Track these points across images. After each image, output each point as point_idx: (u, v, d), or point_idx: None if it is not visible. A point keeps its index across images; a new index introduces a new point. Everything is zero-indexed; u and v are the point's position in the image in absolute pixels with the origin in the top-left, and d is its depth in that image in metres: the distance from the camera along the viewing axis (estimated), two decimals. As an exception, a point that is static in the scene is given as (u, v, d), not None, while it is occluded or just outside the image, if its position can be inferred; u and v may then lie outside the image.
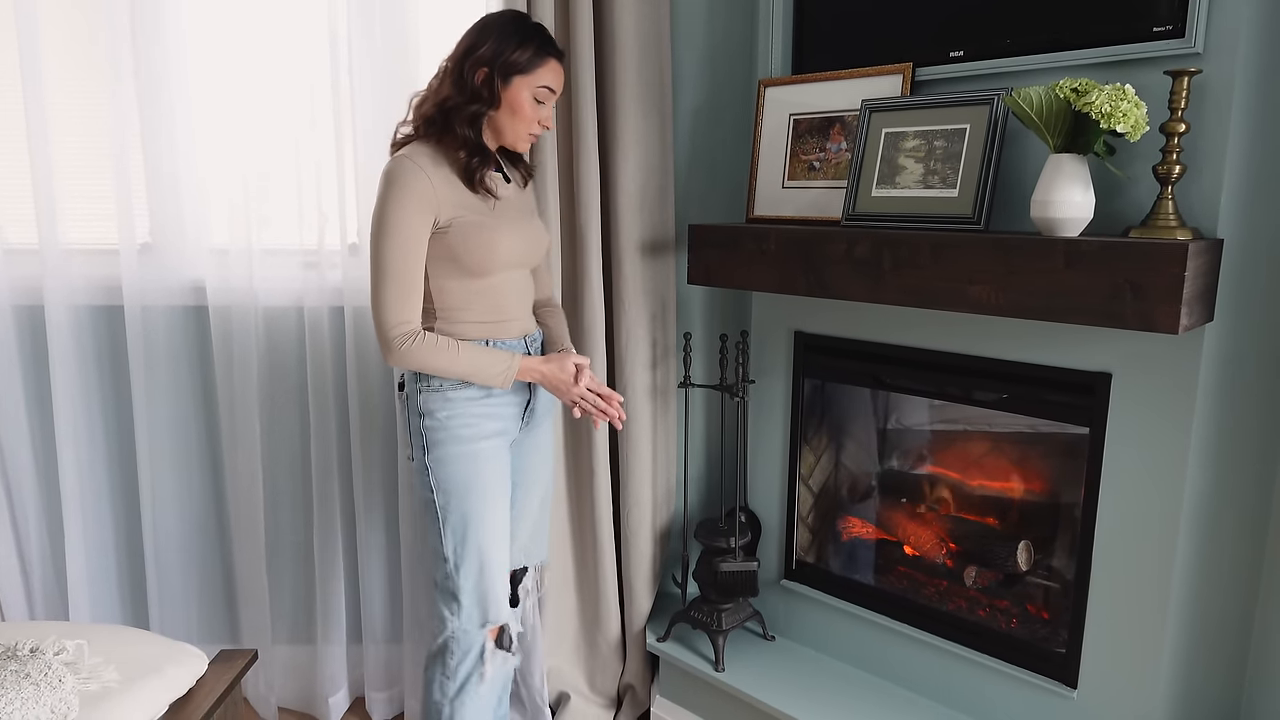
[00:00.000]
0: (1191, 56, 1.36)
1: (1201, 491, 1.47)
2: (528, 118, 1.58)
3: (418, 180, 1.50)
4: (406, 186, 1.50)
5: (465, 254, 1.55)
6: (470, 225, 1.55)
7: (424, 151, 1.55)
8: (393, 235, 1.50)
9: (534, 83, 1.56)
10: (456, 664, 1.65)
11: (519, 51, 1.54)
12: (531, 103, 1.57)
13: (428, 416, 1.60)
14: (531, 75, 1.55)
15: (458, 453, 1.60)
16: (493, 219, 1.59)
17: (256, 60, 2.05)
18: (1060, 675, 1.64)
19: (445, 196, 1.54)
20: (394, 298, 1.52)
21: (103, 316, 2.18)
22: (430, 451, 1.61)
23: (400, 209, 1.50)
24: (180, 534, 2.25)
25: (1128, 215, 1.44)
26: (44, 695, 1.18)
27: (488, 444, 1.62)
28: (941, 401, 1.86)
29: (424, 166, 1.52)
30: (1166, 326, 1.25)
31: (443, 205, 1.53)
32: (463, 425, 1.60)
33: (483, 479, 1.62)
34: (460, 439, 1.60)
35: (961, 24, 1.63)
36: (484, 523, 1.62)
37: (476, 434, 1.61)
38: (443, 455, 1.60)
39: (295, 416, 2.22)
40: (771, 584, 2.10)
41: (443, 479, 1.61)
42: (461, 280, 1.58)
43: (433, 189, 1.52)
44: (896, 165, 1.65)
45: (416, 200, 1.50)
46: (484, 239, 1.55)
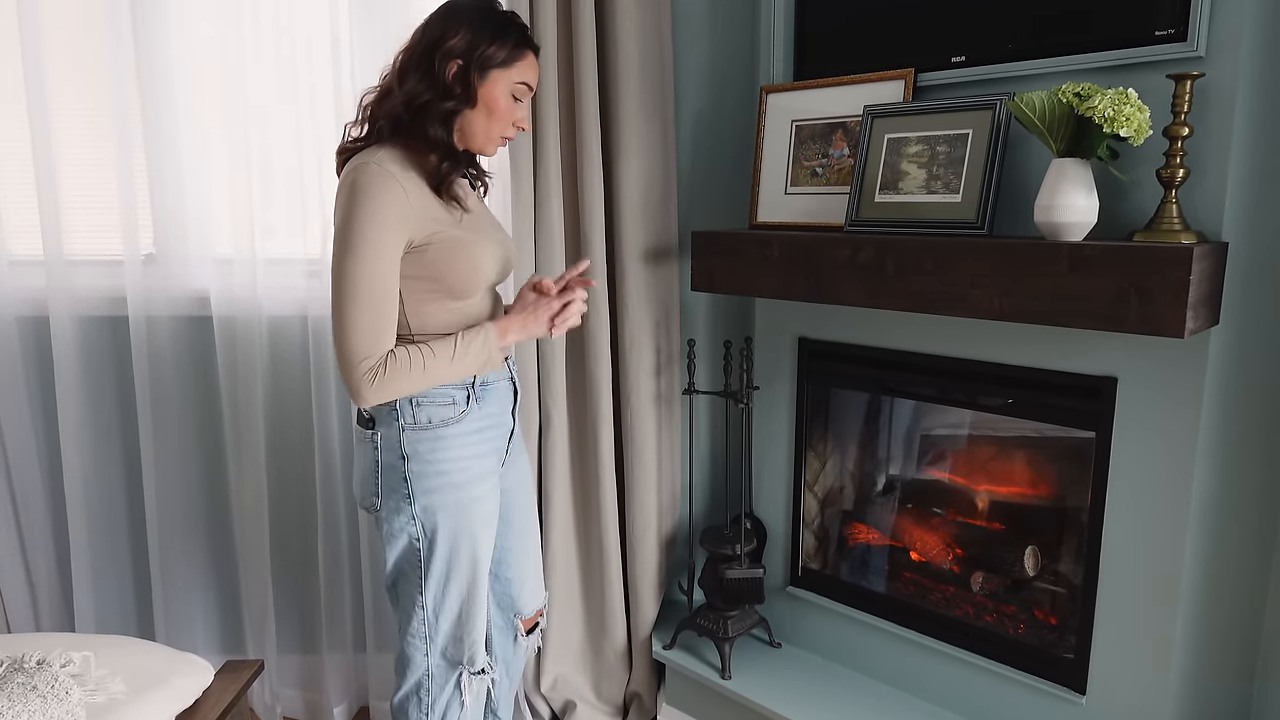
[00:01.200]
0: (1194, 60, 1.36)
1: (1209, 496, 1.47)
2: (504, 117, 1.41)
3: (391, 191, 1.32)
4: (379, 198, 1.31)
5: (449, 273, 1.39)
6: (452, 241, 1.39)
7: (392, 157, 1.36)
8: (364, 255, 1.31)
9: (513, 78, 1.40)
10: (433, 700, 1.54)
11: (496, 44, 1.37)
12: (509, 100, 1.41)
13: (413, 460, 1.43)
14: (510, 70, 1.40)
15: (452, 500, 1.45)
16: (470, 233, 1.44)
17: (259, 71, 2.05)
18: (1069, 681, 1.64)
19: (421, 209, 1.37)
20: (365, 327, 1.32)
21: (107, 327, 2.18)
22: (417, 500, 1.44)
23: (372, 224, 1.31)
24: (185, 544, 2.25)
25: (1132, 219, 1.44)
26: (51, 708, 1.18)
27: (481, 486, 1.48)
28: (946, 407, 1.85)
29: (396, 175, 1.33)
30: (1172, 330, 1.25)
31: (420, 220, 1.36)
32: (459, 470, 1.45)
33: (472, 525, 1.47)
34: (455, 485, 1.44)
35: (963, 29, 1.63)
36: (469, 568, 1.50)
37: (470, 477, 1.46)
38: (432, 504, 1.44)
39: (299, 425, 2.21)
40: (777, 591, 2.10)
41: (430, 527, 1.45)
42: (442, 303, 1.42)
43: (408, 201, 1.34)
44: (899, 171, 1.65)
45: (393, 214, 1.32)
46: (468, 255, 1.41)
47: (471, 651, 1.54)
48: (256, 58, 2.05)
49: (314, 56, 2.05)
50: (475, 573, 1.50)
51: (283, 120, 2.08)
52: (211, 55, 2.05)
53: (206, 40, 2.05)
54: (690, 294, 2.16)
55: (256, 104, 2.06)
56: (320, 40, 2.04)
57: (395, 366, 1.35)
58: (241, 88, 2.05)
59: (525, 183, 1.97)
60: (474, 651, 1.55)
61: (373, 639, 2.25)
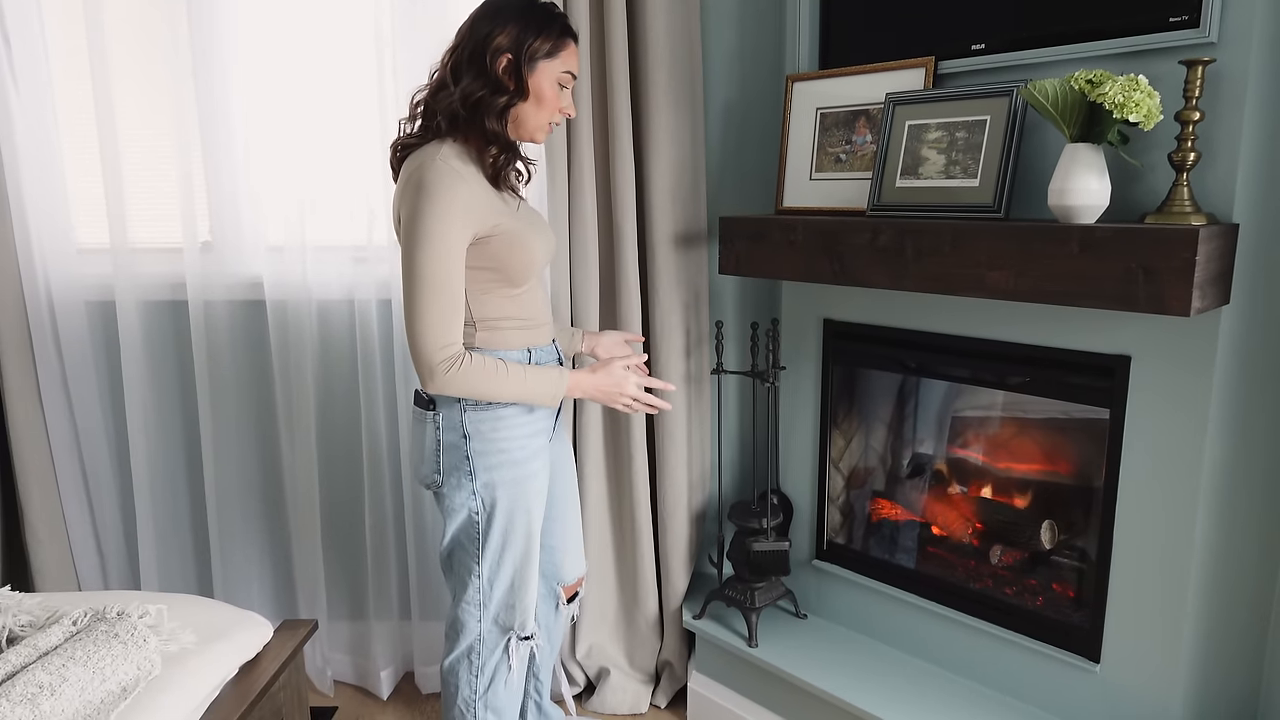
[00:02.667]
0: (1206, 46, 1.40)
1: (1220, 471, 1.51)
2: (551, 105, 1.50)
3: (457, 188, 1.41)
4: (447, 194, 1.40)
5: (509, 264, 1.50)
6: (511, 233, 1.49)
7: (454, 153, 1.45)
8: (436, 249, 1.40)
9: (558, 68, 1.49)
10: (484, 662, 1.66)
11: (542, 37, 1.46)
12: (555, 89, 1.50)
13: (475, 439, 1.53)
14: (555, 60, 1.49)
15: (510, 477, 1.55)
16: (524, 224, 1.53)
17: (306, 68, 2.16)
18: (1084, 650, 1.69)
19: (485, 203, 1.46)
20: (438, 318, 1.42)
21: (168, 311, 2.32)
22: (478, 476, 1.54)
23: (440, 220, 1.40)
24: (242, 515, 2.39)
25: (1145, 202, 1.48)
26: (131, 653, 1.30)
27: (535, 463, 1.59)
28: (966, 385, 1.91)
29: (460, 171, 1.43)
30: (1178, 309, 1.30)
31: (483, 213, 1.45)
32: (517, 448, 1.55)
33: (528, 500, 1.58)
34: (515, 462, 1.55)
35: (983, 17, 1.67)
36: (524, 540, 1.61)
37: (527, 455, 1.57)
38: (493, 480, 1.54)
39: (347, 402, 2.34)
40: (803, 564, 2.17)
41: (489, 502, 1.56)
42: (500, 290, 1.53)
43: (473, 197, 1.44)
44: (919, 156, 1.70)
45: (460, 210, 1.41)
46: (524, 246, 1.51)
47: (522, 618, 1.65)
48: (303, 57, 2.15)
49: (358, 53, 2.15)
50: (528, 544, 1.62)
51: (328, 115, 2.18)
52: (261, 54, 2.16)
53: (256, 39, 2.15)
54: (718, 277, 2.23)
55: (303, 100, 2.17)
56: (363, 37, 2.14)
57: (471, 369, 1.45)
58: (289, 85, 2.16)
59: (560, 171, 2.05)
60: (525, 618, 1.65)
61: (417, 608, 2.37)
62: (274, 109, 2.18)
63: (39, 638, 1.29)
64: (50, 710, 1.17)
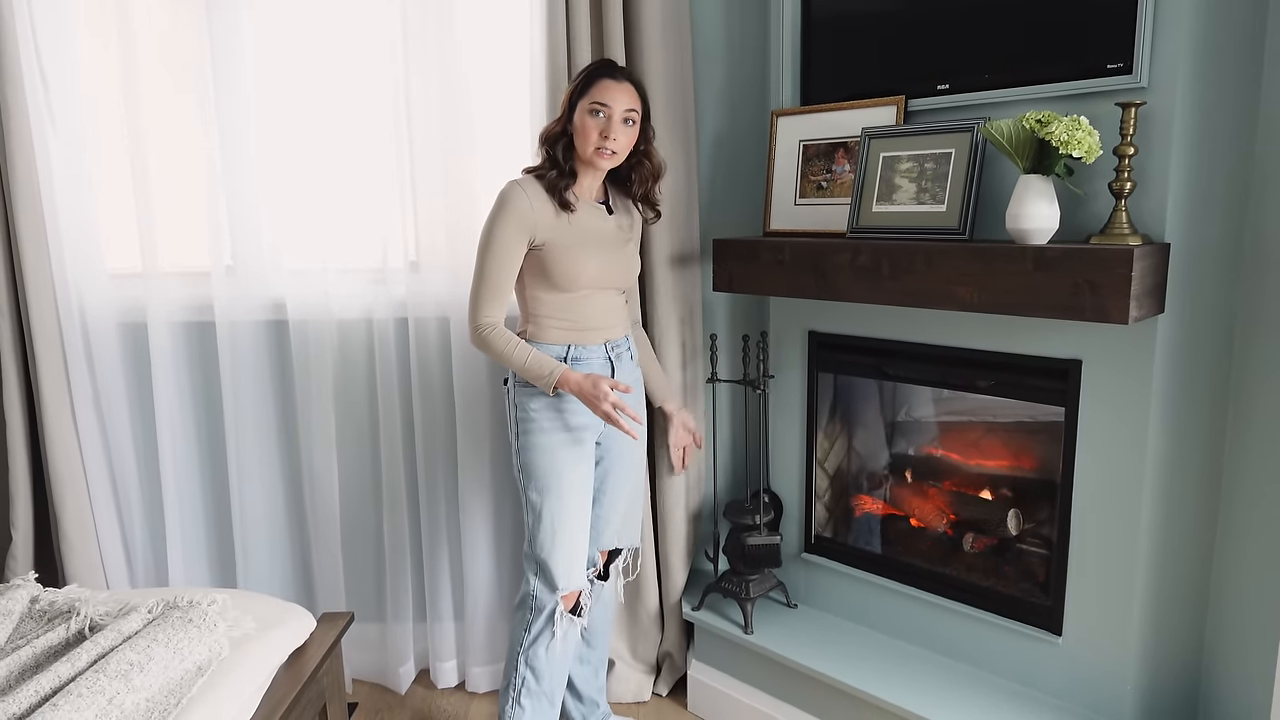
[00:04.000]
0: (1138, 90, 1.61)
1: (1161, 460, 1.72)
2: (589, 132, 1.82)
3: (520, 203, 1.81)
4: (510, 208, 1.81)
5: (554, 271, 1.85)
6: (559, 247, 1.84)
7: (531, 179, 1.87)
8: (493, 248, 1.82)
9: (588, 101, 1.82)
10: (532, 620, 1.94)
11: (580, 78, 1.85)
12: (589, 117, 1.82)
13: (519, 409, 1.91)
14: (588, 94, 1.83)
15: (540, 442, 1.89)
16: (581, 243, 1.86)
17: (325, 98, 2.31)
18: (1047, 625, 1.89)
19: (543, 220, 1.83)
20: (485, 299, 1.84)
21: (196, 331, 2.46)
22: (520, 439, 1.91)
23: (502, 226, 1.82)
24: (266, 524, 2.53)
25: (1089, 225, 1.69)
26: (204, 636, 1.45)
27: (567, 435, 1.90)
28: (937, 389, 2.11)
29: (528, 191, 1.83)
30: (1118, 318, 1.50)
31: (540, 227, 1.83)
32: (547, 419, 1.88)
33: (558, 465, 1.89)
34: (543, 429, 1.88)
35: (947, 61, 1.88)
36: (560, 502, 1.90)
37: (556, 426, 1.89)
38: (527, 443, 1.90)
39: (366, 416, 2.49)
40: (793, 557, 2.35)
41: (526, 463, 1.91)
42: (550, 292, 1.88)
43: (532, 212, 1.82)
44: (893, 184, 1.90)
45: (517, 220, 1.81)
46: (570, 260, 1.85)
47: (566, 578, 1.91)
48: (322, 89, 2.30)
49: (375, 84, 2.31)
50: (561, 506, 1.90)
51: (346, 144, 2.34)
52: (281, 87, 2.31)
53: (276, 72, 2.30)
54: (712, 294, 2.42)
55: (323, 129, 2.32)
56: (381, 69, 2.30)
57: (493, 337, 1.84)
58: (309, 116, 2.31)
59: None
60: (568, 579, 1.92)
61: (431, 608, 2.52)
62: (294, 138, 2.32)
63: (121, 623, 1.44)
64: (140, 684, 1.32)
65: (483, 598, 2.49)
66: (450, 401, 2.43)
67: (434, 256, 2.36)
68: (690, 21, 2.26)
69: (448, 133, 2.29)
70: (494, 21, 2.34)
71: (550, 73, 2.17)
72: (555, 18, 2.15)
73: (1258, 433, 1.71)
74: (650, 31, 2.18)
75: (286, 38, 2.29)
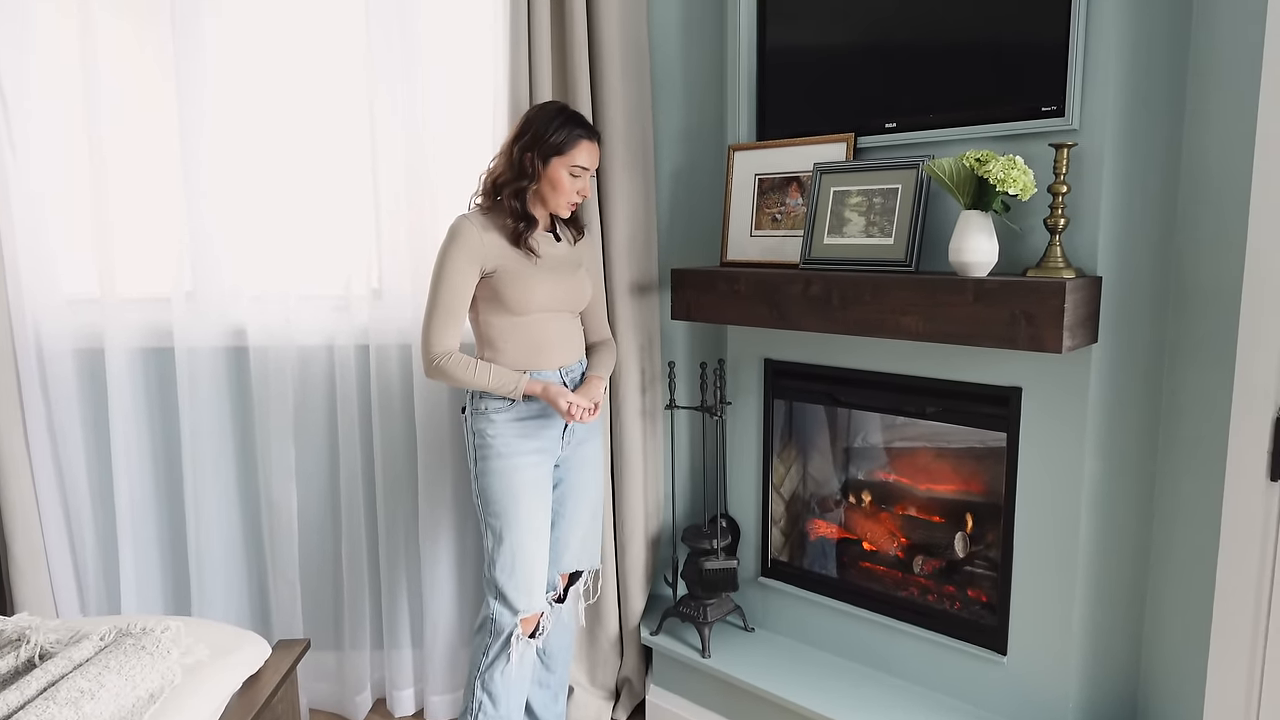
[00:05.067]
0: (1070, 131, 1.70)
1: (1096, 483, 1.79)
2: (566, 190, 1.92)
3: (470, 236, 1.88)
4: (460, 241, 1.88)
5: (505, 296, 1.91)
6: (511, 274, 1.91)
7: (481, 213, 1.94)
8: (445, 277, 1.89)
9: (568, 162, 1.91)
10: (490, 644, 1.97)
11: (555, 135, 1.89)
12: (568, 177, 1.91)
13: (477, 435, 1.95)
14: (566, 156, 1.90)
15: (497, 467, 1.93)
16: (532, 269, 1.93)
17: (288, 127, 2.33)
18: (993, 645, 1.94)
19: (493, 251, 1.90)
20: (440, 327, 1.90)
21: (154, 358, 2.45)
22: (478, 465, 1.95)
23: (453, 258, 1.88)
24: (222, 551, 2.50)
25: (1027, 258, 1.77)
26: (157, 664, 1.45)
27: (525, 459, 1.94)
28: (887, 415, 2.17)
29: (477, 224, 1.90)
30: (1052, 347, 1.57)
31: (489, 258, 1.90)
32: (504, 444, 1.93)
33: (516, 490, 1.93)
34: (500, 455, 1.93)
35: (893, 102, 1.97)
36: (518, 526, 1.94)
37: (514, 451, 1.93)
38: (485, 469, 1.94)
39: (325, 443, 2.49)
40: (750, 581, 2.39)
41: (484, 488, 1.95)
42: (503, 316, 1.93)
43: (482, 244, 1.89)
44: (843, 218, 1.97)
45: (467, 252, 1.88)
46: (521, 285, 1.91)
47: (526, 602, 1.95)
48: (286, 114, 2.32)
49: (342, 110, 2.35)
50: (521, 529, 1.93)
51: (312, 170, 2.36)
52: (245, 114, 2.32)
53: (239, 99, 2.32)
54: (670, 322, 2.47)
55: (286, 157, 2.34)
56: (347, 95, 2.33)
57: (450, 363, 1.90)
58: (270, 142, 2.33)
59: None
60: (529, 602, 1.96)
61: (390, 636, 2.51)
62: (257, 163, 2.33)
63: (72, 651, 1.43)
64: (91, 712, 1.31)
65: (442, 625, 2.49)
66: (411, 429, 2.44)
67: (397, 283, 2.39)
68: (650, 57, 2.33)
69: (412, 161, 2.33)
70: (458, 53, 2.40)
71: (513, 106, 2.22)
72: (518, 52, 2.20)
73: (1185, 456, 1.79)
74: (611, 66, 2.24)
75: (251, 62, 2.31)
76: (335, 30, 2.33)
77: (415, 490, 2.45)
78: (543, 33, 2.20)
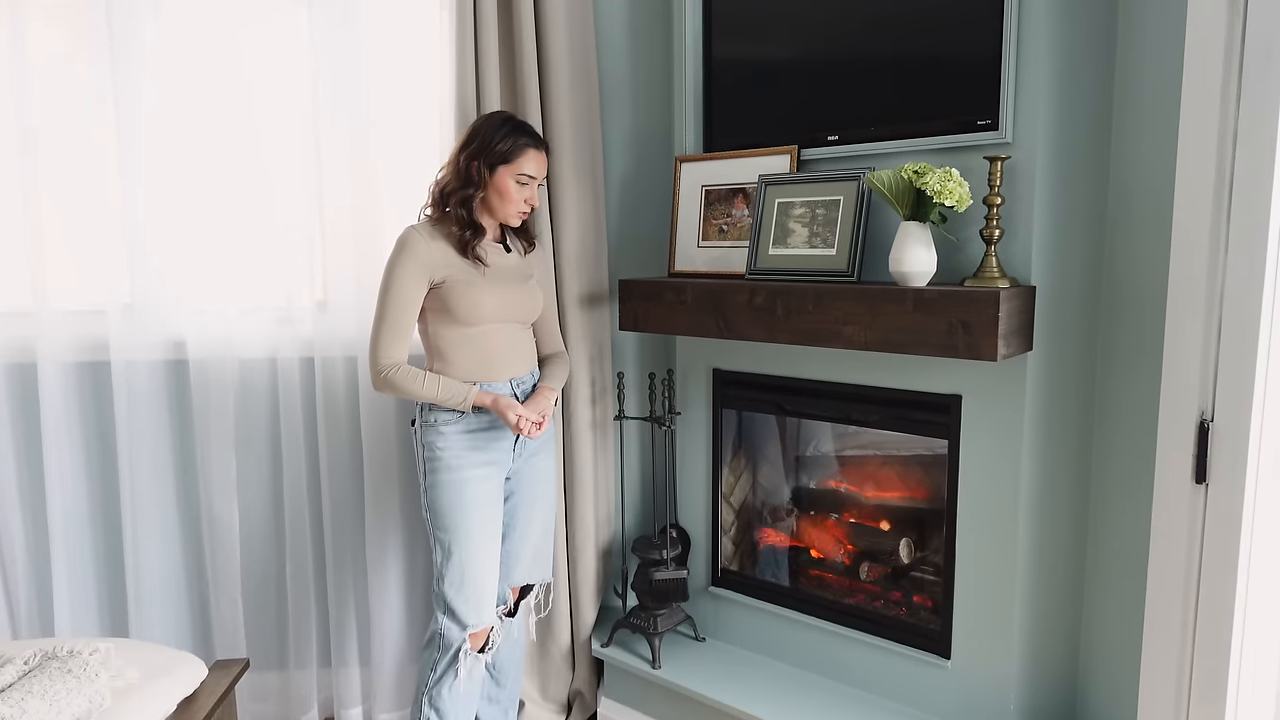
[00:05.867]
0: (1004, 145, 1.74)
1: (1034, 487, 1.83)
2: (514, 199, 1.91)
3: (418, 247, 1.87)
4: (408, 251, 1.87)
5: (454, 307, 1.88)
6: (460, 284, 1.89)
7: (429, 224, 1.93)
8: (393, 289, 1.86)
9: (515, 170, 1.89)
10: (438, 659, 1.94)
11: (502, 143, 1.88)
12: (515, 186, 1.90)
13: (426, 448, 1.92)
14: (513, 164, 1.89)
15: (447, 480, 1.91)
16: (481, 280, 1.91)
17: (230, 134, 2.29)
18: (937, 649, 1.97)
19: (440, 261, 1.88)
20: (387, 340, 1.87)
21: (89, 372, 2.38)
22: (427, 478, 1.92)
23: (401, 268, 1.86)
24: (161, 570, 2.44)
25: (964, 268, 1.81)
26: (84, 687, 1.40)
27: (475, 473, 1.92)
28: (833, 423, 2.20)
29: (425, 236, 1.88)
30: (988, 355, 1.61)
31: (437, 268, 1.87)
32: (453, 457, 1.91)
33: (465, 503, 1.91)
34: (449, 468, 1.90)
35: (835, 116, 2.00)
36: (468, 540, 1.91)
37: (464, 464, 1.91)
38: (435, 481, 1.91)
39: (268, 458, 2.44)
40: (700, 591, 2.39)
41: (433, 501, 1.92)
42: (452, 327, 1.91)
43: (429, 254, 1.87)
44: (788, 229, 2.00)
45: (414, 263, 1.86)
46: (470, 296, 1.89)
47: (476, 617, 1.93)
48: (228, 121, 2.28)
49: (284, 117, 2.31)
50: (470, 543, 1.90)
51: (254, 182, 2.32)
52: (185, 123, 2.28)
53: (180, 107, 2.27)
54: (619, 333, 2.47)
55: (228, 167, 2.30)
56: (290, 102, 2.30)
57: (397, 375, 1.87)
58: (212, 152, 2.29)
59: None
60: (478, 617, 1.93)
61: (337, 654, 2.47)
62: (199, 173, 2.29)
63: (-6, 676, 1.38)
64: (12, 738, 1.27)
65: (391, 641, 2.45)
66: (358, 441, 2.41)
67: (342, 295, 2.36)
68: (598, 68, 2.34)
69: (357, 172, 2.31)
70: (405, 62, 2.38)
71: (460, 116, 2.21)
72: (465, 62, 2.20)
73: (1117, 460, 1.84)
74: (558, 76, 2.25)
75: (192, 71, 2.27)
76: (279, 39, 2.30)
77: (362, 504, 2.42)
78: (490, 42, 2.20)
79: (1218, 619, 1.41)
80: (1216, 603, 1.41)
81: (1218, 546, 1.40)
